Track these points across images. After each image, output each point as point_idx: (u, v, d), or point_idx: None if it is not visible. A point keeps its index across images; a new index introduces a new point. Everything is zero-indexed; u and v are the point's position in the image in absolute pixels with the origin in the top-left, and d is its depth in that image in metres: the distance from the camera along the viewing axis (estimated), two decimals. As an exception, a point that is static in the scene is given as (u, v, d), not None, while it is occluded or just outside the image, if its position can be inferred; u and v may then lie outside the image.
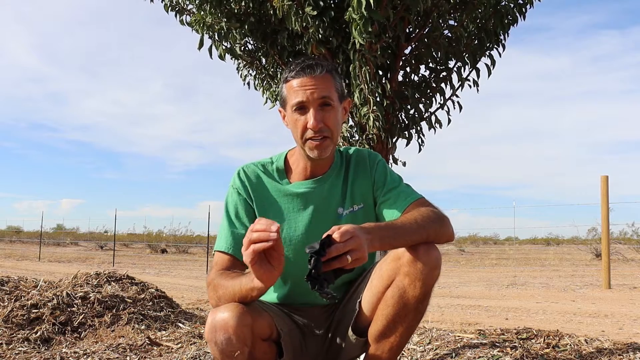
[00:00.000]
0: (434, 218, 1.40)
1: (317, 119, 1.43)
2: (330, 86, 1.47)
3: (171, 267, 12.62)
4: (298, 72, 1.46)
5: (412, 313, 1.38)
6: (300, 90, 1.44)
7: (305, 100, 1.44)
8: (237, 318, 1.26)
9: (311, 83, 1.44)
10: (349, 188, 1.56)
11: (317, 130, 1.43)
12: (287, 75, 1.49)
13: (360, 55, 2.63)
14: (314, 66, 1.46)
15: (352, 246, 1.17)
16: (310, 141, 1.46)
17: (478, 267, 13.27)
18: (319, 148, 1.46)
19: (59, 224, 32.00)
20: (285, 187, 1.55)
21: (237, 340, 1.27)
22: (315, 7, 2.64)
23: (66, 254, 18.41)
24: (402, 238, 1.33)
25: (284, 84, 1.50)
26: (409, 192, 1.51)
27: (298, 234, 1.53)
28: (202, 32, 3.14)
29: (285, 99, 1.50)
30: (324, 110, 1.45)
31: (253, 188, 1.55)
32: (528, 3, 2.97)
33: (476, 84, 3.09)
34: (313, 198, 1.54)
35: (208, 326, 1.30)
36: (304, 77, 1.45)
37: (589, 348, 2.32)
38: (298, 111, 1.46)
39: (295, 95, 1.45)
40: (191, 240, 22.52)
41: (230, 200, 1.55)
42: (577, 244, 18.72)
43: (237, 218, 1.52)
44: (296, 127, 1.47)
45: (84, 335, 3.15)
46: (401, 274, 1.35)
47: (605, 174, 7.50)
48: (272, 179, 1.57)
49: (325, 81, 1.46)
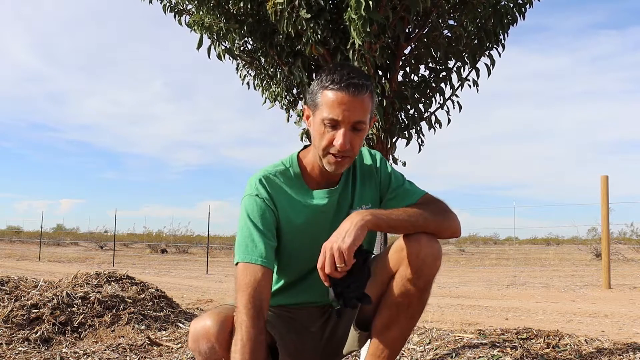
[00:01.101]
0: (437, 210, 1.44)
1: (345, 141, 1.39)
2: (367, 109, 1.41)
3: (171, 267, 12.63)
4: (342, 87, 1.37)
5: (415, 303, 1.41)
6: (338, 108, 1.38)
7: (341, 119, 1.38)
8: (218, 326, 1.27)
9: (351, 104, 1.38)
10: (357, 190, 1.56)
11: (343, 150, 1.40)
12: (328, 84, 1.40)
13: (359, 55, 2.63)
14: (360, 87, 1.38)
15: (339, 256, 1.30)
16: (332, 157, 1.42)
17: (478, 267, 13.28)
18: (338, 165, 1.43)
19: (59, 224, 32.11)
20: (306, 196, 1.52)
21: (220, 348, 1.27)
22: (309, 9, 2.63)
23: (66, 254, 18.41)
24: (400, 222, 1.38)
25: (321, 90, 1.42)
26: (413, 190, 1.54)
27: (314, 244, 1.47)
28: (200, 32, 3.14)
29: (318, 105, 1.43)
30: (354, 133, 1.41)
31: (277, 199, 1.49)
32: (528, 3, 2.97)
33: (476, 84, 3.09)
34: (330, 207, 1.53)
35: (191, 336, 1.31)
36: (346, 94, 1.37)
37: (589, 348, 2.32)
38: (329, 126, 1.40)
39: (331, 111, 1.38)
40: (191, 240, 22.53)
41: (256, 209, 1.46)
42: (577, 244, 18.74)
43: (267, 228, 1.45)
44: (322, 139, 1.42)
45: (84, 335, 3.15)
46: (404, 264, 1.38)
47: (605, 174, 7.51)
48: (292, 188, 1.52)
49: (364, 104, 1.40)
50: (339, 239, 1.31)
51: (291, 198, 1.51)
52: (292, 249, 1.52)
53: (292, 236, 1.50)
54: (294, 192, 1.51)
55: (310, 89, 1.48)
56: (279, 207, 1.49)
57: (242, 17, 3.08)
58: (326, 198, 1.52)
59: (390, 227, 1.38)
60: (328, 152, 1.43)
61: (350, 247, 1.29)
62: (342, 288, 1.35)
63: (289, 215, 1.49)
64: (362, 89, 1.39)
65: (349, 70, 1.42)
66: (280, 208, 1.49)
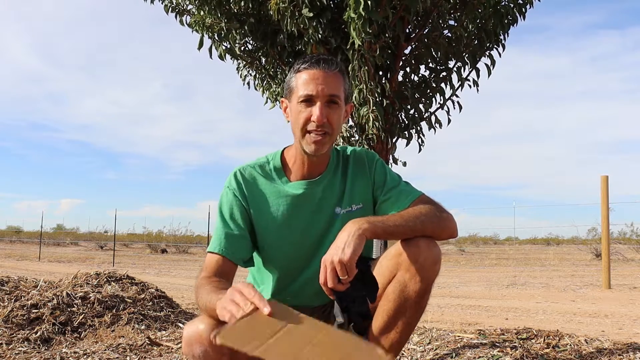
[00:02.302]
0: (434, 212, 1.41)
1: (322, 114, 1.42)
2: (340, 85, 1.46)
3: (171, 267, 12.63)
4: (312, 63, 1.44)
5: (413, 308, 1.38)
6: (312, 83, 1.42)
7: (315, 94, 1.42)
8: (211, 329, 1.25)
9: (323, 78, 1.43)
10: (347, 188, 1.55)
11: (320, 124, 1.42)
12: (299, 66, 1.46)
13: (359, 55, 2.63)
14: (329, 62, 1.45)
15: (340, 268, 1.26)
16: (310, 135, 1.44)
17: (478, 267, 13.27)
18: (318, 143, 1.44)
19: (59, 224, 32.14)
20: (282, 187, 1.54)
21: (213, 352, 1.26)
22: (312, 8, 2.64)
23: (66, 254, 18.41)
24: (397, 227, 1.35)
25: (295, 74, 1.47)
26: (409, 190, 1.52)
27: (295, 236, 1.52)
28: (202, 32, 3.14)
29: (293, 88, 1.47)
30: (330, 108, 1.44)
31: (249, 190, 1.53)
32: (528, 3, 2.98)
33: (476, 84, 3.10)
34: (310, 198, 1.53)
35: (184, 340, 1.30)
36: (317, 69, 1.43)
37: (589, 348, 2.32)
38: (304, 103, 1.43)
39: (304, 87, 1.43)
40: (191, 240, 22.54)
41: (225, 201, 1.53)
42: (577, 244, 18.74)
43: (232, 219, 1.50)
44: (298, 119, 1.45)
45: (84, 335, 3.15)
46: (402, 269, 1.36)
47: (605, 174, 7.51)
48: (269, 180, 1.55)
49: (336, 79, 1.45)
50: (338, 251, 1.29)
51: (266, 190, 1.53)
52: (272, 241, 1.53)
53: (268, 227, 1.52)
54: (270, 184, 1.54)
55: (286, 81, 1.53)
56: (250, 199, 1.52)
57: (243, 17, 3.08)
58: (303, 189, 1.52)
59: (387, 234, 1.36)
60: (306, 132, 1.44)
61: (351, 258, 1.27)
62: (347, 303, 1.34)
63: (262, 206, 1.52)
64: (332, 64, 1.45)
65: (318, 54, 1.51)
66: (252, 200, 1.52)
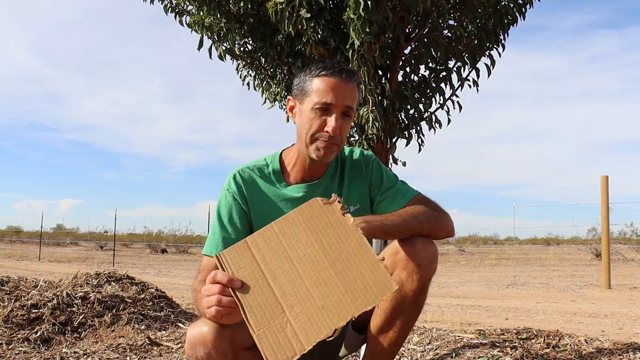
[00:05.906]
0: (430, 212, 1.41)
1: (337, 125, 1.41)
2: (356, 98, 1.46)
3: (171, 267, 12.62)
4: (335, 72, 1.42)
5: (410, 306, 1.39)
6: (331, 92, 1.41)
7: (334, 103, 1.41)
8: (215, 332, 1.26)
9: (344, 89, 1.42)
10: (344, 190, 1.55)
11: (334, 135, 1.42)
12: (319, 71, 1.44)
13: (359, 55, 2.63)
14: (350, 73, 1.44)
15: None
16: (321, 142, 1.43)
17: (478, 267, 13.28)
18: (327, 150, 1.44)
19: (59, 224, 32.08)
20: (282, 191, 1.53)
21: (217, 354, 1.27)
22: (310, 9, 2.64)
23: (66, 254, 18.41)
24: (394, 227, 1.34)
25: (312, 77, 1.44)
26: (406, 190, 1.52)
27: None
28: (201, 32, 3.15)
29: (308, 92, 1.44)
30: (344, 119, 1.44)
31: (249, 193, 1.52)
32: (528, 3, 2.98)
33: (476, 84, 3.10)
34: None
35: (187, 342, 1.30)
36: (338, 79, 1.42)
37: (589, 348, 2.32)
38: (320, 110, 1.42)
39: (323, 95, 1.41)
40: (191, 240, 22.51)
41: (224, 203, 1.51)
42: (577, 244, 18.73)
43: (230, 223, 1.49)
44: (311, 125, 1.43)
45: (84, 335, 3.15)
46: (399, 268, 1.36)
47: (605, 174, 7.51)
48: (268, 183, 1.54)
49: (354, 92, 1.45)
50: None
51: (265, 192, 1.52)
52: None
53: None
54: (269, 186, 1.53)
55: (297, 80, 1.51)
56: (250, 202, 1.51)
57: (242, 18, 3.09)
58: (302, 192, 1.52)
59: (385, 234, 1.36)
60: (317, 139, 1.44)
61: None
62: None
63: (262, 209, 1.51)
64: (353, 76, 1.45)
65: (338, 61, 1.47)
66: (252, 202, 1.51)
